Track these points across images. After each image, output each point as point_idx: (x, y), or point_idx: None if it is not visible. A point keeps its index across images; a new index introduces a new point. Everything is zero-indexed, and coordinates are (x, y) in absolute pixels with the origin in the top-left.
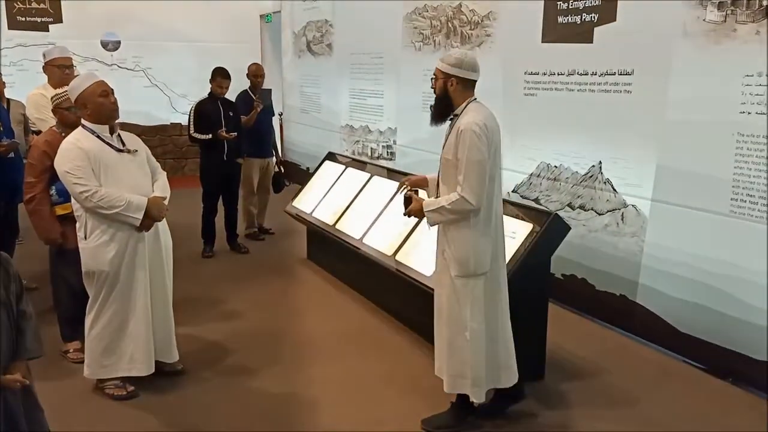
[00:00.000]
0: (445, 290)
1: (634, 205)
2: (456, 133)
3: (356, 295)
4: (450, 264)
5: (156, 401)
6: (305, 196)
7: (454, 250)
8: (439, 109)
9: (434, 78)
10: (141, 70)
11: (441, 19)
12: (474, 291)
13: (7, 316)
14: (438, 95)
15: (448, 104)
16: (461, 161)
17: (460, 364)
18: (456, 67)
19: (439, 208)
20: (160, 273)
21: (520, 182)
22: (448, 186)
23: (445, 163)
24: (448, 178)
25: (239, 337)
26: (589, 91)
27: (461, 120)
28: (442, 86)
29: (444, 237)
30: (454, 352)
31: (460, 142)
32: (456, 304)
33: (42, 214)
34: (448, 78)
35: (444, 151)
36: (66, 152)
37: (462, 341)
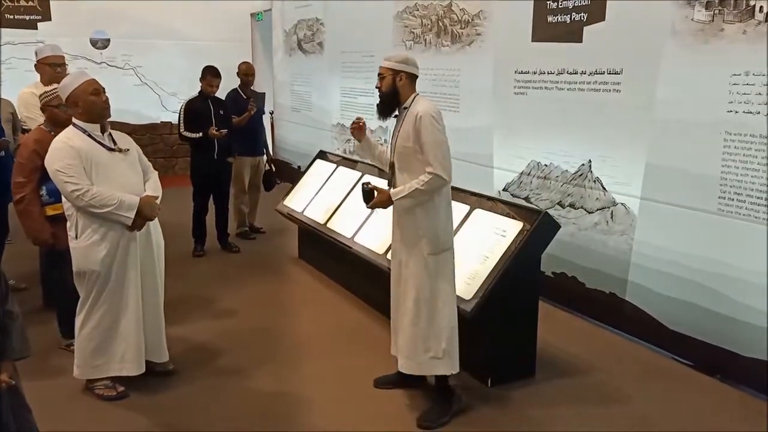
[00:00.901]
0: (414, 272)
1: (623, 204)
2: (413, 120)
3: (348, 294)
4: (421, 244)
5: (146, 402)
6: (296, 194)
7: (426, 230)
8: (388, 104)
9: (380, 77)
10: (131, 68)
11: (431, 18)
12: (448, 265)
13: None
14: (386, 91)
15: (396, 98)
16: (426, 144)
17: (424, 345)
18: (403, 63)
19: (411, 192)
20: (152, 272)
21: (510, 181)
22: (410, 172)
23: (403, 152)
24: (409, 164)
25: (230, 337)
26: (578, 90)
27: (414, 109)
28: (390, 82)
29: (410, 220)
30: (429, 332)
31: (421, 127)
32: (428, 282)
33: (32, 215)
34: (396, 74)
35: (400, 141)
36: (57, 151)
37: (430, 318)
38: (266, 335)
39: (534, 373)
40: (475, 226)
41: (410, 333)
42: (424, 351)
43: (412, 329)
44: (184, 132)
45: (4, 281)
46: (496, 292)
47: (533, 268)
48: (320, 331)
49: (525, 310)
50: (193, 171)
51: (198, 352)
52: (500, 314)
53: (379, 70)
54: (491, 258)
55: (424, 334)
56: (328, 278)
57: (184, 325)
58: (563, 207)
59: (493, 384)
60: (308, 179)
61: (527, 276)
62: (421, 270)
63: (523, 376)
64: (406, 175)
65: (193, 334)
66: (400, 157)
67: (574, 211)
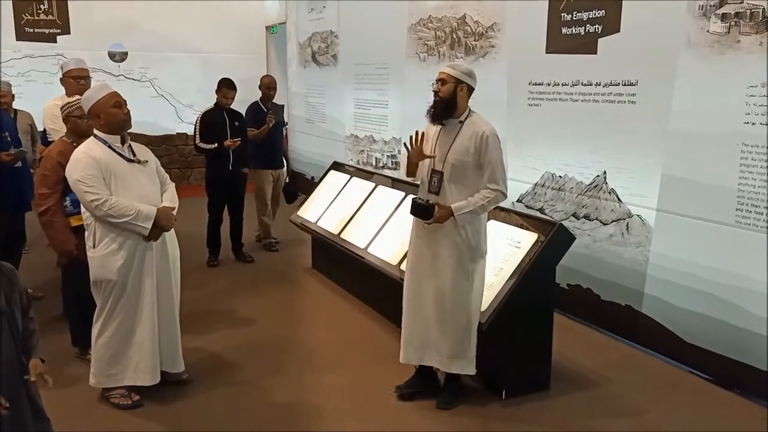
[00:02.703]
0: (452, 280)
1: (639, 215)
2: (477, 138)
3: (361, 305)
4: (464, 254)
5: (161, 411)
6: (310, 205)
7: (470, 239)
8: (444, 110)
9: (441, 81)
10: (147, 80)
11: (445, 30)
12: (483, 270)
13: (8, 326)
14: (445, 97)
15: (453, 107)
16: (492, 162)
17: (462, 345)
18: (467, 75)
19: (476, 208)
20: (167, 282)
21: (525, 192)
22: (463, 185)
23: (458, 165)
24: (462, 177)
25: (244, 347)
26: (593, 101)
27: (475, 126)
28: (451, 89)
29: (455, 229)
30: (458, 336)
31: (487, 146)
32: (463, 289)
33: (56, 226)
34: (459, 83)
35: (455, 155)
36: (77, 161)
37: (468, 322)
38: (279, 345)
39: (548, 386)
40: (490, 237)
41: (457, 336)
42: (464, 352)
43: (458, 332)
44: (199, 143)
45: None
46: (511, 303)
47: (548, 280)
48: (333, 342)
49: (540, 322)
50: (208, 182)
51: (212, 362)
52: (515, 326)
53: (440, 75)
54: (506, 269)
55: (463, 336)
56: (342, 289)
57: (198, 335)
58: (578, 218)
59: (507, 396)
60: (322, 190)
61: (542, 288)
62: (463, 278)
63: (538, 388)
64: (459, 187)
65: (207, 343)
66: (454, 169)
67: (589, 223)
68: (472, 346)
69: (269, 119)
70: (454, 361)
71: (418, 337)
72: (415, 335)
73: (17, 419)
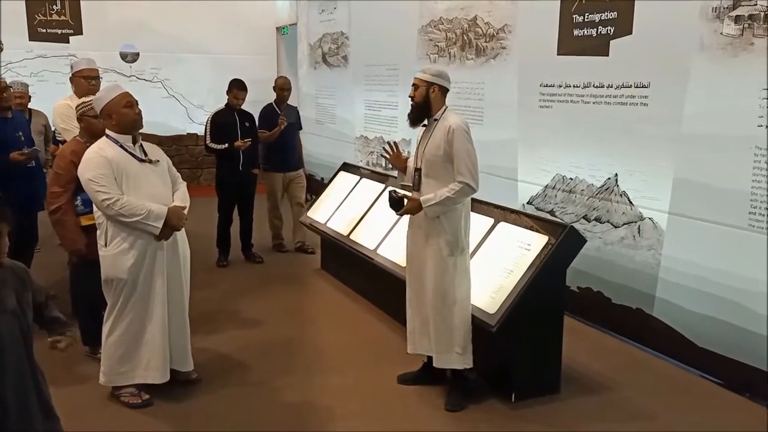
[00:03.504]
0: (433, 273)
1: (651, 218)
2: (445, 132)
3: (370, 306)
4: (442, 246)
5: (170, 409)
6: (320, 206)
7: (447, 233)
8: (420, 114)
9: (414, 87)
10: (159, 81)
11: (456, 32)
12: (464, 264)
13: (18, 324)
14: (419, 101)
15: (428, 109)
16: (457, 155)
17: (448, 339)
18: (437, 76)
19: (442, 200)
20: (178, 282)
21: (535, 194)
22: (437, 179)
23: (432, 160)
24: (437, 172)
25: (253, 347)
26: (605, 103)
27: (446, 122)
28: (424, 93)
29: (433, 224)
30: (444, 329)
31: (453, 138)
32: (443, 281)
33: (67, 225)
34: (430, 86)
35: (430, 150)
36: (89, 161)
37: (450, 316)
38: (288, 346)
39: (558, 389)
40: (500, 240)
41: (440, 330)
42: (451, 346)
43: (441, 326)
44: (210, 143)
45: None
46: (521, 306)
47: (558, 283)
48: (342, 343)
49: (550, 325)
50: (219, 182)
51: (221, 362)
52: (525, 328)
53: (414, 80)
54: (516, 272)
55: (449, 330)
56: (351, 290)
57: (207, 335)
58: (589, 221)
59: (517, 399)
60: (331, 191)
61: (552, 290)
62: (439, 272)
63: (548, 391)
64: (433, 181)
65: (216, 343)
66: (429, 164)
67: (600, 225)
68: (459, 340)
69: (281, 121)
70: (441, 356)
71: (416, 328)
72: (415, 327)
73: (27, 417)
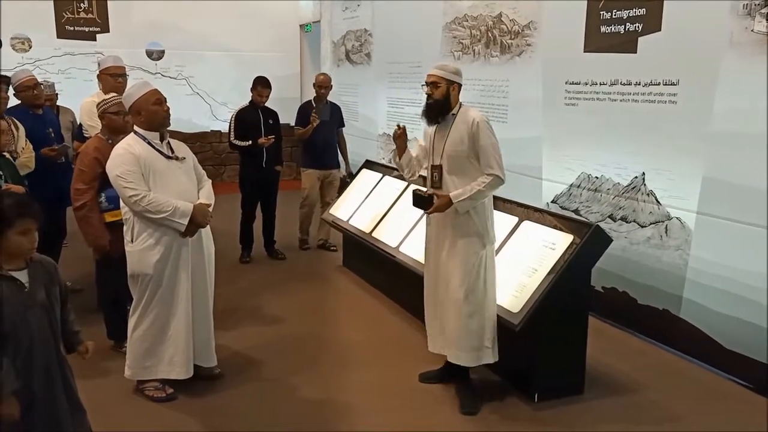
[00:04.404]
0: (464, 269)
1: (678, 218)
2: (468, 126)
3: (391, 303)
4: (474, 241)
5: (193, 404)
6: (342, 203)
7: (479, 226)
8: (440, 111)
9: (433, 84)
10: (183, 78)
11: (481, 29)
12: (493, 256)
13: (47, 318)
14: (439, 99)
15: (447, 106)
16: (484, 147)
17: (478, 335)
18: (457, 75)
19: (474, 194)
20: (202, 278)
21: (560, 192)
22: (461, 174)
23: (454, 155)
24: (461, 167)
25: (275, 343)
26: (632, 101)
27: (466, 116)
28: (444, 91)
29: (464, 218)
30: (476, 328)
31: (479, 132)
32: (477, 276)
33: (91, 221)
34: (451, 84)
35: (451, 146)
36: (118, 157)
37: (483, 311)
38: (310, 342)
39: (582, 390)
40: (524, 238)
41: (464, 326)
42: (478, 341)
43: (467, 321)
44: (234, 140)
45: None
46: (545, 305)
47: (583, 283)
48: (363, 340)
49: (574, 325)
50: (242, 179)
51: (243, 358)
52: (549, 328)
53: (430, 78)
54: (540, 271)
55: (478, 325)
56: (372, 287)
57: (230, 331)
58: (614, 220)
59: (540, 399)
60: (354, 188)
61: (577, 290)
62: (472, 265)
63: (571, 392)
64: (456, 177)
65: (238, 339)
66: (452, 160)
67: (626, 225)
68: (489, 334)
69: (312, 118)
70: (471, 354)
71: (437, 328)
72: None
73: (55, 410)
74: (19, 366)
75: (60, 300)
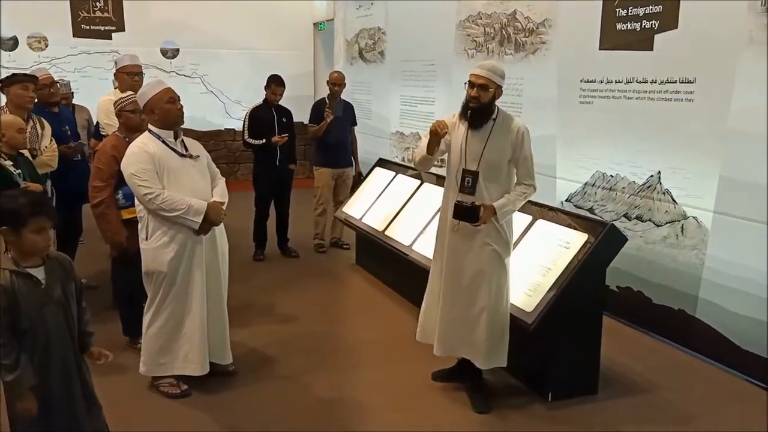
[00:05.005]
0: (490, 277)
1: (695, 217)
2: (513, 134)
3: (404, 302)
4: (501, 250)
5: (208, 400)
6: (355, 201)
7: (506, 235)
8: (486, 115)
9: (483, 86)
10: (198, 77)
11: (495, 27)
12: (509, 266)
13: (63, 314)
14: (486, 103)
15: (491, 110)
16: (526, 158)
17: (499, 340)
18: (502, 78)
19: (515, 205)
20: (216, 276)
21: (574, 191)
22: (496, 182)
23: (495, 162)
24: (498, 175)
25: (287, 341)
26: (648, 99)
27: (509, 123)
28: (492, 95)
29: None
30: (498, 333)
31: (523, 141)
32: (502, 284)
33: (109, 218)
34: (498, 88)
35: (491, 153)
36: (133, 155)
37: (506, 316)
38: (323, 340)
39: (596, 390)
40: (538, 237)
41: (495, 334)
42: (502, 345)
43: (496, 330)
44: (247, 138)
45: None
46: (559, 305)
47: (598, 282)
48: (376, 338)
49: (588, 325)
50: (256, 177)
51: (256, 355)
52: (563, 328)
53: (480, 79)
54: (554, 270)
55: (503, 331)
56: (385, 285)
57: (243, 328)
58: (629, 219)
59: (553, 399)
60: (367, 187)
61: (591, 289)
62: (500, 272)
63: (585, 392)
64: (491, 184)
65: (251, 336)
66: (491, 167)
67: (642, 224)
68: (507, 338)
69: (326, 114)
70: (492, 356)
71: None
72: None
73: (72, 405)
74: (36, 362)
75: (75, 296)
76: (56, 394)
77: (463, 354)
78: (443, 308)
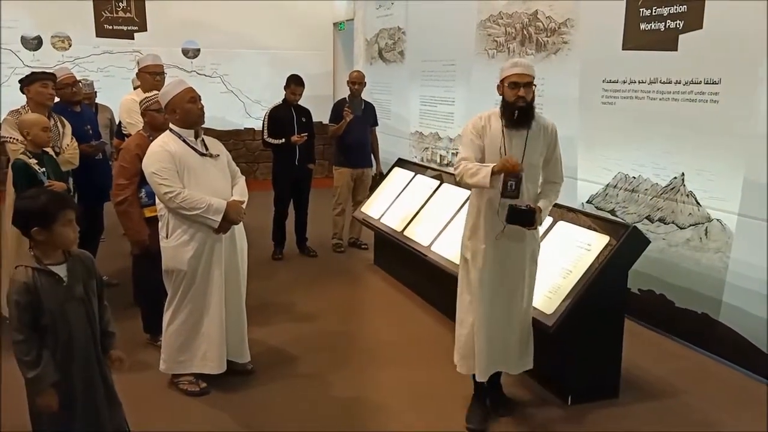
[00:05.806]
0: (529, 281)
1: (719, 220)
2: (549, 133)
3: (423, 303)
4: (535, 251)
5: (226, 399)
6: (374, 201)
7: (538, 237)
8: (531, 114)
9: (529, 84)
10: (218, 76)
11: (516, 26)
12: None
13: (85, 311)
14: (530, 102)
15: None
16: (558, 157)
17: (527, 343)
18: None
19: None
20: (235, 275)
21: (595, 193)
22: (533, 182)
23: (535, 164)
24: (535, 176)
25: (305, 340)
26: (672, 100)
27: (541, 122)
28: (533, 93)
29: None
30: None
31: (556, 140)
32: (531, 285)
33: (132, 216)
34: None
35: (533, 154)
36: (154, 154)
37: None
38: (341, 340)
39: (617, 394)
40: (558, 239)
41: (525, 337)
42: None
43: (527, 334)
44: (267, 138)
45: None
46: (580, 307)
47: (619, 285)
48: (394, 339)
49: (609, 328)
50: (275, 176)
51: (274, 354)
52: (583, 331)
53: (526, 78)
54: (575, 272)
55: (528, 331)
56: (404, 286)
57: (261, 327)
58: (652, 221)
59: (573, 402)
60: (386, 187)
61: (613, 292)
62: (534, 273)
63: (606, 395)
64: (531, 185)
65: (270, 335)
66: (531, 169)
67: (664, 226)
68: (532, 340)
69: (345, 113)
70: (523, 359)
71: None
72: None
73: (92, 402)
74: (58, 359)
75: (97, 294)
76: (77, 391)
77: (499, 368)
78: (489, 327)
